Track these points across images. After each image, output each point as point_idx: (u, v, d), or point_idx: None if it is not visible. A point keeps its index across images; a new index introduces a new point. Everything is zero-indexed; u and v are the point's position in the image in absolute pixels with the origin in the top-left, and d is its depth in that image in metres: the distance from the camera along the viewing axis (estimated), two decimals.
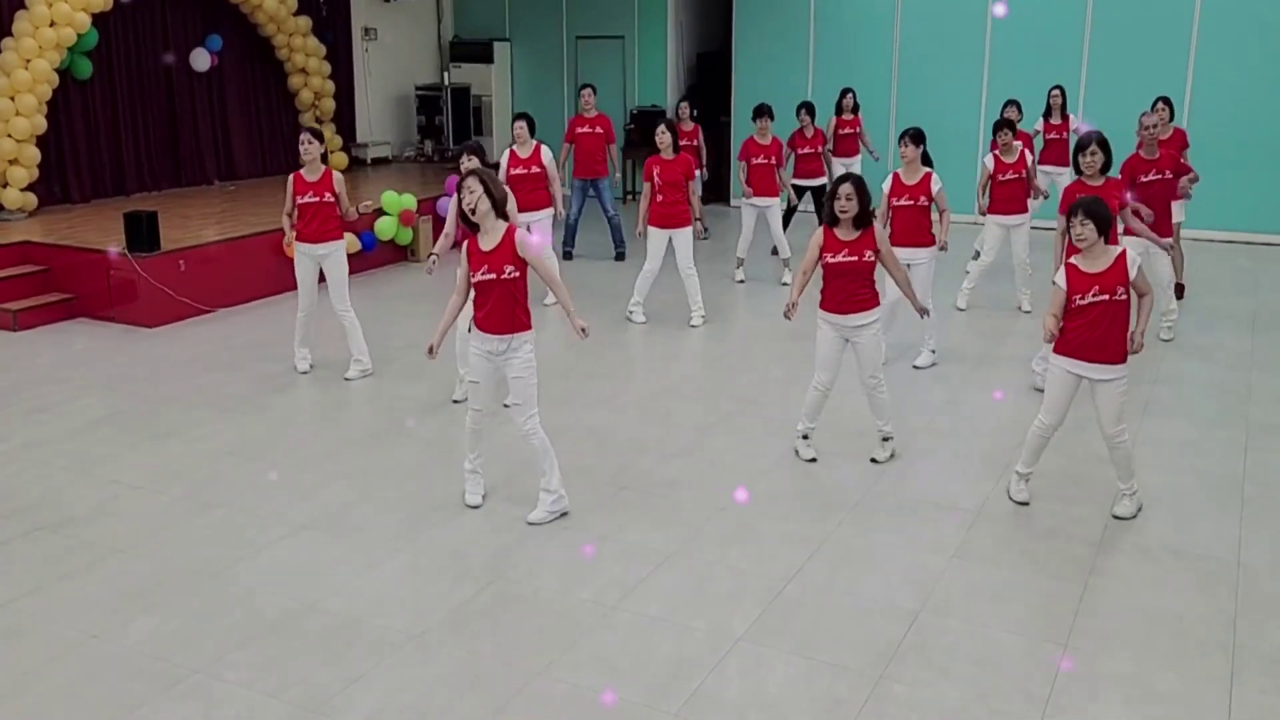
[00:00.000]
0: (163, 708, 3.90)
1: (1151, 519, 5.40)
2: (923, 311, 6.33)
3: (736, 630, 4.39)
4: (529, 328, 5.22)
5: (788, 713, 3.88)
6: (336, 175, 7.38)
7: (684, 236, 8.70)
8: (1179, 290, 9.25)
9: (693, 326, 8.81)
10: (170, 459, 6.19)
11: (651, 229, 8.74)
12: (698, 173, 11.23)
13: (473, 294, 5.21)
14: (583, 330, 5.23)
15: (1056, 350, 5.21)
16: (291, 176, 7.40)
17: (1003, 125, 8.56)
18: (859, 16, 13.68)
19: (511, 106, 15.72)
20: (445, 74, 15.47)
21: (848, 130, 11.73)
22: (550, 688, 4.02)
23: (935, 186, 7.34)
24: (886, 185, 7.41)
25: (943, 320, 8.84)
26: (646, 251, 8.84)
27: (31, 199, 10.44)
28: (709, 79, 15.23)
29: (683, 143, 11.60)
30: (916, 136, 7.38)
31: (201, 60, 12.39)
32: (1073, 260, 5.17)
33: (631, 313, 8.97)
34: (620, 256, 11.35)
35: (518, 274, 5.10)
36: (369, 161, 14.43)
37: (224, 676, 4.08)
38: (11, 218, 10.32)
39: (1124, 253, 5.11)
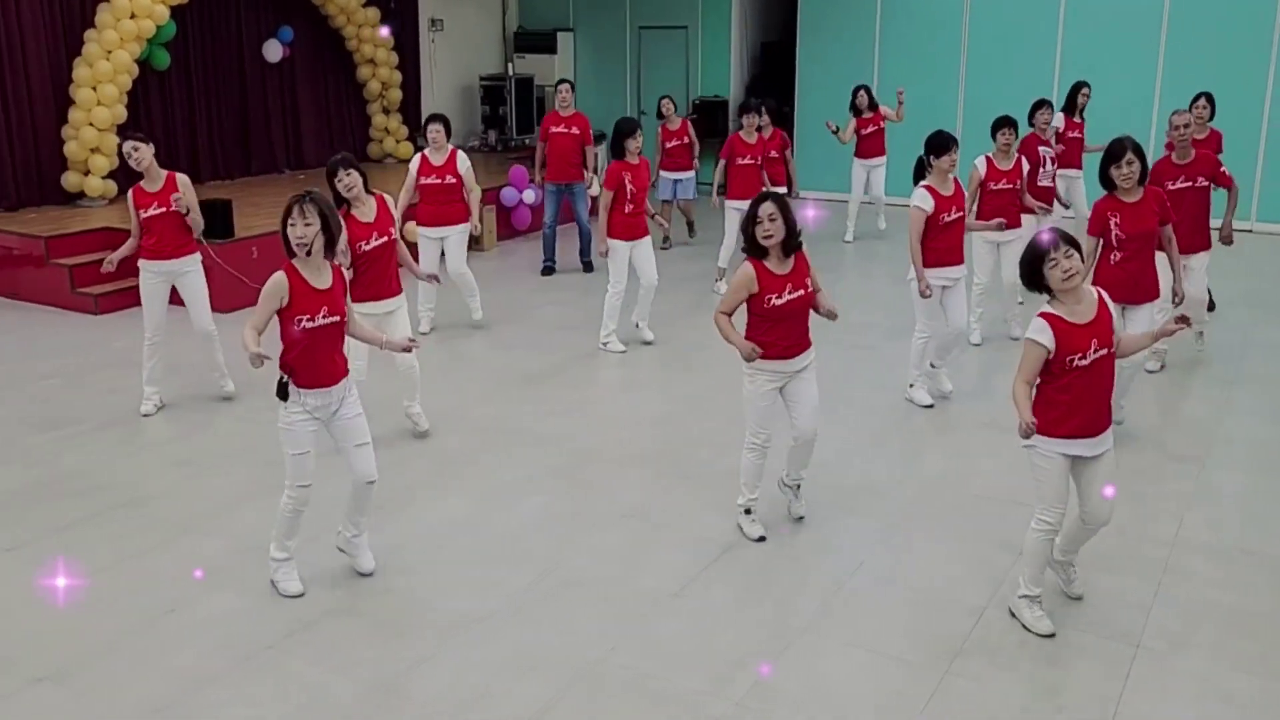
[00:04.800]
0: (238, 682, 4.01)
1: (1225, 519, 5.28)
2: (829, 313, 4.95)
3: (798, 621, 4.38)
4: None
5: (849, 705, 3.86)
6: (182, 179, 6.55)
7: (649, 246, 7.98)
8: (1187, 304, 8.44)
9: (647, 343, 8.14)
10: (237, 439, 6.33)
11: (617, 243, 7.81)
12: (688, 174, 11.02)
13: (288, 347, 4.35)
14: (408, 342, 4.82)
15: (1046, 431, 4.08)
16: (131, 191, 6.56)
17: (1004, 124, 7.55)
18: (927, 4, 13.49)
19: (574, 96, 15.77)
20: (509, 64, 15.58)
21: (871, 129, 11.27)
22: (613, 673, 4.05)
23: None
24: (928, 204, 6.40)
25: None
26: (611, 270, 7.88)
27: (112, 186, 10.73)
28: (773, 69, 15.14)
29: (673, 143, 10.90)
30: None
31: (274, 51, 12.63)
32: (1053, 310, 4.09)
33: (607, 343, 7.99)
34: (588, 267, 10.56)
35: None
36: None
37: (295, 653, 4.18)
38: (93, 204, 10.63)
39: (1101, 294, 4.18)
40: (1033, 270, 4.10)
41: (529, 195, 11.95)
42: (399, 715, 3.82)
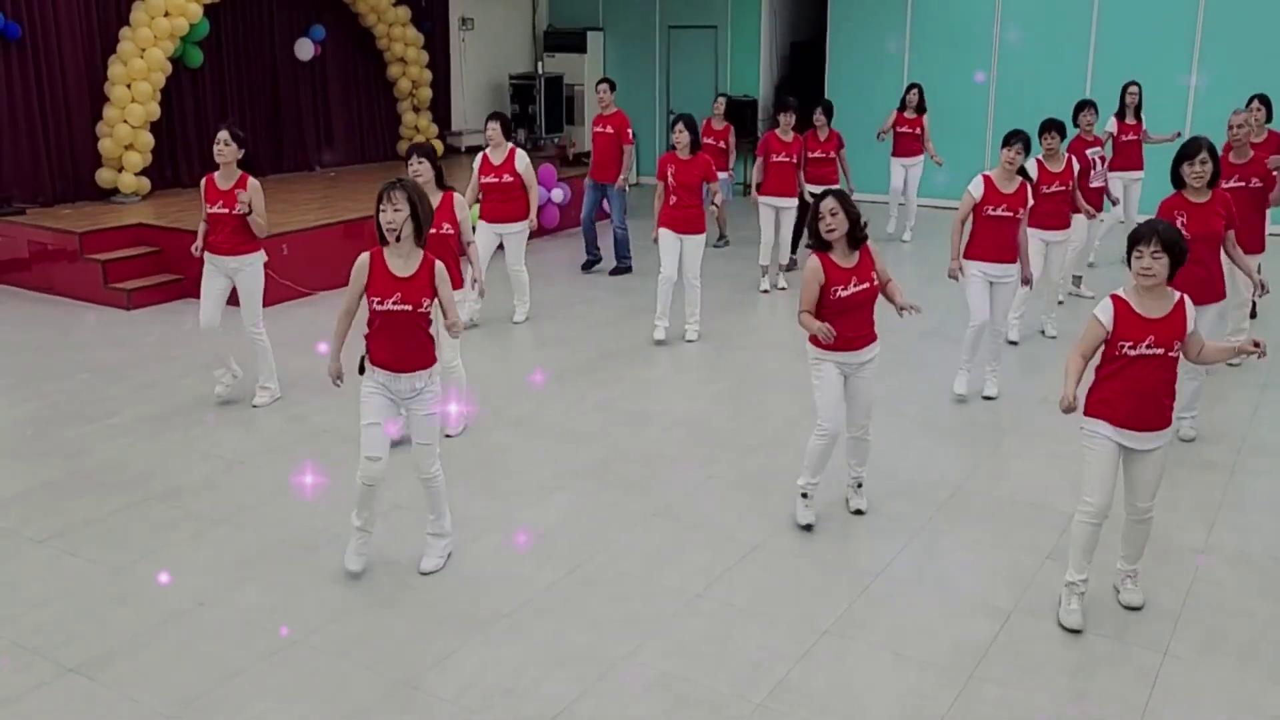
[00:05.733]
0: (264, 675, 4.05)
1: (1258, 526, 5.21)
2: (909, 308, 5.09)
3: (822, 623, 4.38)
4: (436, 359, 4.68)
5: (872, 708, 3.85)
6: (253, 183, 6.58)
7: (695, 244, 8.02)
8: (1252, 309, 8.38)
9: (688, 341, 8.18)
10: (270, 436, 6.40)
11: (664, 231, 7.98)
12: (724, 175, 10.74)
13: (368, 323, 4.54)
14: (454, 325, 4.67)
15: (1093, 412, 4.23)
16: (204, 179, 6.67)
17: (1048, 128, 7.53)
18: (958, 5, 13.41)
19: (614, 96, 15.79)
20: (539, 63, 15.63)
21: (907, 129, 11.33)
22: (636, 672, 4.06)
23: (1031, 203, 6.68)
24: (977, 190, 6.55)
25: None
26: (660, 258, 8.06)
27: (145, 183, 10.86)
28: (802, 69, 15.10)
29: (708, 140, 10.69)
30: (1029, 141, 6.63)
31: (305, 50, 12.74)
32: (1124, 295, 4.18)
33: (655, 328, 8.13)
34: (621, 270, 10.39)
35: (429, 307, 4.54)
36: (463, 149, 14.69)
37: (322, 648, 4.22)
38: (126, 201, 10.76)
39: (1183, 299, 4.16)
40: (1133, 244, 4.14)
41: (557, 194, 12.01)
42: (423, 711, 3.85)
